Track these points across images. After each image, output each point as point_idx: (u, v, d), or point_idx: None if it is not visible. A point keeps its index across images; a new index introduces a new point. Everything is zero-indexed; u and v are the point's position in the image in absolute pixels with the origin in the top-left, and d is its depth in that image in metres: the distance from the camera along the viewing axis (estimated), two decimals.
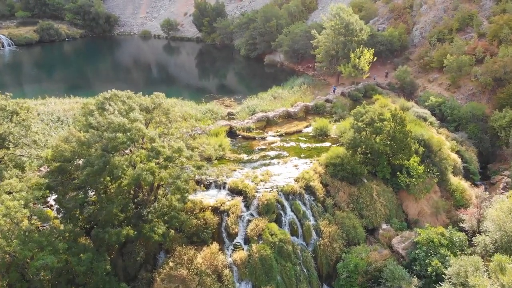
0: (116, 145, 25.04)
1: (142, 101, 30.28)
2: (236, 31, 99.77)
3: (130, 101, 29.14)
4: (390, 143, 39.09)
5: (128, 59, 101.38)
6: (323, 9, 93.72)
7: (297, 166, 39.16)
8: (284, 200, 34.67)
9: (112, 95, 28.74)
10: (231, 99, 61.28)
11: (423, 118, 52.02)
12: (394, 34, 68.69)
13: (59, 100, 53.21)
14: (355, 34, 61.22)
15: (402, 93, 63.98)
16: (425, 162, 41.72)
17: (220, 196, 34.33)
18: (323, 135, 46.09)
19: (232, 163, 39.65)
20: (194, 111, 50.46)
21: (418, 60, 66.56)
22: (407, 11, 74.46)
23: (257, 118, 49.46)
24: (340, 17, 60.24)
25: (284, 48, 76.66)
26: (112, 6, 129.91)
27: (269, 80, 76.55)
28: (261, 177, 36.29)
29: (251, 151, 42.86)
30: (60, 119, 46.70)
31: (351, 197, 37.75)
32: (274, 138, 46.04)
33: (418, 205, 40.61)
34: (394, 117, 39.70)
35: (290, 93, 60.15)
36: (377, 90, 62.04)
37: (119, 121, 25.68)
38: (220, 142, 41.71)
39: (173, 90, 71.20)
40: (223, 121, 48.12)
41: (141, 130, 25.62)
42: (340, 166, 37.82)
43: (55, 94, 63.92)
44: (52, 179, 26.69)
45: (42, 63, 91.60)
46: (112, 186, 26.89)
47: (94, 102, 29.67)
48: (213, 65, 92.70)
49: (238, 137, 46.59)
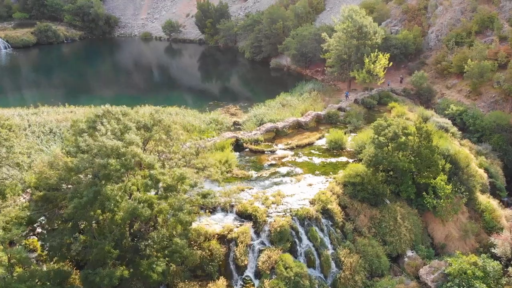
0: (108, 173, 21.34)
1: (140, 118, 26.58)
2: (240, 33, 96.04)
3: (126, 119, 25.43)
4: (415, 160, 35.35)
5: (129, 61, 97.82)
6: (331, 10, 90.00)
7: (312, 185, 35.42)
8: (299, 226, 30.95)
9: (105, 112, 25.05)
10: (236, 107, 57.55)
11: (445, 128, 48.19)
12: (408, 37, 64.82)
13: (53, 109, 49.51)
14: (368, 38, 57.45)
15: (419, 100, 60.19)
16: (452, 180, 37.91)
17: (227, 221, 30.63)
18: (338, 148, 42.32)
19: (239, 181, 36.01)
20: (197, 122, 46.79)
21: (435, 64, 62.68)
22: (422, 13, 70.56)
23: (266, 129, 45.73)
24: (353, 19, 56.46)
25: (292, 52, 72.87)
26: (112, 7, 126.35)
27: (275, 84, 72.88)
28: (273, 199, 32.59)
29: (260, 167, 39.14)
30: (53, 131, 43.00)
31: (372, 220, 34.00)
32: (284, 151, 42.28)
33: (445, 228, 36.83)
34: (419, 131, 35.94)
35: (300, 101, 56.36)
36: (392, 97, 58.22)
37: (112, 144, 21.99)
38: (226, 158, 38.04)
39: (175, 95, 67.74)
40: (229, 133, 44.40)
41: (138, 155, 21.93)
42: (360, 186, 34.09)
43: (51, 100, 60.45)
44: (34, 211, 23.01)
45: (39, 67, 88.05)
46: (104, 217, 23.18)
47: (85, 119, 26.02)
48: (216, 68, 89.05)
49: (245, 150, 42.87)
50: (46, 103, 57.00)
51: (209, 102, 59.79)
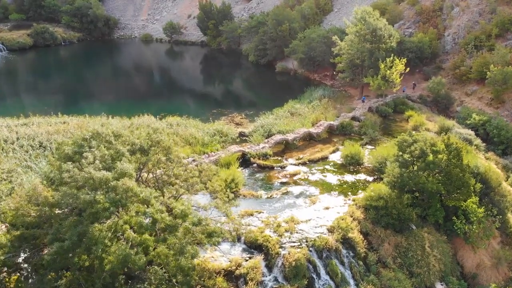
0: (95, 212, 17.71)
1: (135, 139, 22.92)
2: (244, 35, 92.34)
3: (119, 142, 21.77)
4: (444, 180, 31.62)
5: (129, 64, 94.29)
6: (339, 11, 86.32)
7: (329, 208, 31.71)
8: (316, 259, 27.27)
9: (94, 134, 21.40)
10: (241, 115, 53.85)
11: (468, 140, 44.40)
12: (424, 40, 61.03)
13: (45, 120, 45.92)
14: (383, 41, 53.71)
15: (436, 108, 56.45)
16: (483, 201, 34.18)
17: (235, 252, 26.96)
18: (354, 163, 38.61)
19: (247, 203, 32.35)
20: (200, 133, 43.12)
21: (453, 69, 58.88)
22: (437, 14, 66.75)
23: (275, 142, 42.05)
24: (366, 21, 52.74)
25: (299, 55, 69.15)
26: (111, 8, 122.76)
27: (282, 90, 69.29)
28: (286, 226, 28.91)
29: (270, 186, 35.46)
30: (43, 144, 39.40)
31: (397, 249, 30.28)
32: (296, 167, 38.60)
33: (476, 256, 33.07)
34: (448, 148, 32.20)
35: (309, 109, 52.69)
36: (408, 105, 54.49)
37: (100, 176, 18.36)
38: (233, 176, 34.38)
39: (177, 101, 64.18)
40: (234, 147, 40.73)
41: (131, 189, 18.26)
42: (384, 210, 30.41)
43: (44, 108, 56.84)
44: (10, 253, 19.40)
45: (34, 71, 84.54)
46: (91, 262, 19.52)
47: (71, 141, 22.41)
48: (219, 72, 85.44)
49: (252, 165, 39.24)
50: (39, 112, 53.33)
51: (213, 109, 56.15)
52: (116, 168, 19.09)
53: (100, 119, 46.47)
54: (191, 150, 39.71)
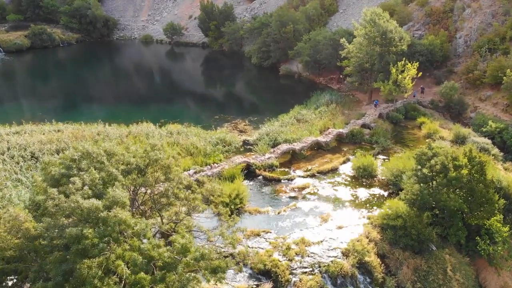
0: (82, 249, 15.31)
1: (130, 157, 20.51)
2: (246, 36, 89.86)
3: (111, 163, 19.36)
4: (466, 197, 29.20)
5: (128, 66, 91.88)
6: (344, 12, 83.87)
7: (342, 227, 29.30)
8: (330, 286, 24.88)
9: (84, 153, 18.99)
10: (245, 122, 51.39)
11: (485, 150, 41.95)
12: (435, 43, 58.51)
13: (38, 127, 43.49)
14: (393, 44, 51.24)
15: (448, 114, 53.98)
16: (507, 219, 31.73)
17: (240, 279, 24.55)
18: (367, 176, 36.17)
19: (253, 221, 30.00)
20: (202, 143, 40.69)
21: (466, 73, 56.35)
22: (448, 16, 64.21)
23: (281, 152, 39.63)
24: (376, 23, 50.27)
25: (304, 58, 66.66)
26: (111, 9, 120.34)
27: (286, 93, 66.88)
28: (296, 248, 26.54)
29: (277, 200, 33.06)
30: (35, 155, 37.01)
31: (417, 273, 27.80)
32: (304, 180, 36.18)
33: (500, 278, 30.57)
34: (471, 162, 29.75)
35: (316, 115, 50.23)
36: (419, 110, 52.05)
37: (88, 206, 15.97)
38: (237, 190, 32.00)
39: (177, 106, 61.77)
40: (239, 157, 38.30)
41: (124, 221, 15.86)
42: (402, 230, 28.01)
43: (39, 114, 54.56)
44: None
45: (30, 74, 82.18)
46: None
47: (59, 161, 20.03)
48: (221, 74, 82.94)
49: (257, 177, 36.82)
50: (34, 118, 51.21)
51: (215, 115, 53.71)
52: (108, 195, 16.68)
53: (97, 127, 44.14)
54: (192, 161, 37.35)
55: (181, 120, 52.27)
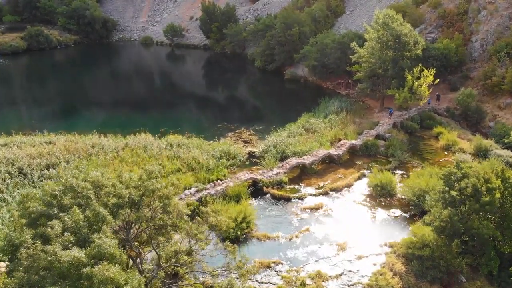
0: None
1: (122, 189, 17.48)
2: (249, 38, 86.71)
3: (99, 198, 16.33)
4: (499, 222, 26.17)
5: (127, 70, 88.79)
6: (351, 14, 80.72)
7: (362, 257, 26.28)
8: None
9: (67, 188, 15.99)
10: (250, 131, 48.29)
11: (510, 164, 38.79)
12: (450, 47, 55.36)
13: (28, 139, 40.47)
14: (408, 49, 48.19)
15: (465, 122, 50.87)
16: None
17: None
18: (386, 195, 33.10)
19: (262, 249, 27.03)
20: (204, 156, 37.64)
21: (483, 79, 53.20)
22: (462, 18, 61.06)
23: (290, 167, 36.57)
24: (389, 27, 47.21)
25: (311, 62, 63.53)
26: (110, 9, 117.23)
27: (292, 99, 63.80)
28: (311, 284, 23.60)
29: (288, 224, 30.02)
30: (23, 171, 34.05)
31: None
32: (316, 198, 33.15)
33: None
34: (504, 183, 26.68)
35: (326, 124, 47.20)
36: (435, 119, 48.95)
37: (69, 258, 12.95)
38: (244, 213, 29.02)
39: (178, 111, 58.61)
40: (244, 173, 35.24)
41: (112, 279, 12.82)
42: (430, 261, 24.95)
43: (32, 122, 51.52)
44: None
45: (25, 77, 79.02)
46: None
47: (38, 197, 17.03)
48: (223, 78, 79.88)
49: (265, 195, 33.80)
50: (25, 127, 48.30)
51: (218, 124, 50.64)
52: (93, 244, 13.64)
53: (91, 138, 41.14)
54: (194, 178, 34.34)
55: (182, 128, 49.28)
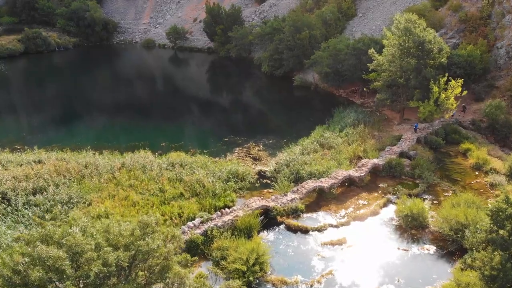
0: None
1: (108, 254, 13.49)
2: (256, 42, 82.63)
3: (78, 268, 12.36)
4: None
5: (128, 74, 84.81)
6: (364, 16, 76.60)
7: None
8: None
9: (35, 259, 12.02)
10: (259, 146, 44.26)
11: None
12: (475, 54, 51.13)
13: (15, 157, 36.59)
14: (431, 57, 44.09)
15: (492, 136, 46.70)
16: None
17: None
18: (417, 226, 29.00)
19: None
20: (210, 178, 33.63)
21: (511, 89, 49.04)
22: (486, 22, 56.84)
23: (307, 191, 32.52)
24: (412, 33, 43.12)
25: (324, 68, 59.37)
26: (111, 11, 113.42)
27: (303, 108, 59.58)
28: None
29: (307, 264, 25.98)
30: (7, 196, 30.19)
31: None
32: (338, 230, 29.13)
33: None
34: None
35: (343, 138, 43.16)
36: (461, 133, 44.77)
37: None
38: (256, 251, 25.00)
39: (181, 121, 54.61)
40: (255, 200, 31.18)
41: None
42: None
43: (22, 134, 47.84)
44: None
45: (21, 83, 75.33)
46: None
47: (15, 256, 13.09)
48: (228, 83, 75.96)
49: (279, 226, 29.78)
50: (14, 141, 44.52)
51: (224, 137, 46.60)
52: None
53: (85, 156, 37.20)
54: (198, 205, 30.34)
55: (185, 142, 45.44)
